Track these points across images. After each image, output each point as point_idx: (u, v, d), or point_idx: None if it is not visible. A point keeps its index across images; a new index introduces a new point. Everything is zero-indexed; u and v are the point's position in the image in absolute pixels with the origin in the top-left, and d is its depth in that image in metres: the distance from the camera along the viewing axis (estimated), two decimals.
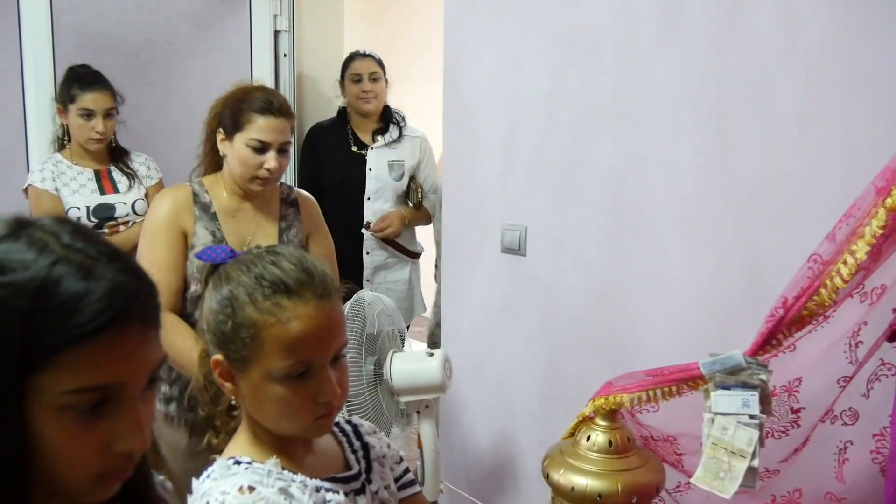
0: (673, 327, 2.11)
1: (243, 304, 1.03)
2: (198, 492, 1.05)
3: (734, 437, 1.41)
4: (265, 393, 1.03)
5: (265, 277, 1.03)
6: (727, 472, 1.46)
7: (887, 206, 1.31)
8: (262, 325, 1.02)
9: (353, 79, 3.34)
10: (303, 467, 1.09)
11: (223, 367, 1.06)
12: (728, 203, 1.98)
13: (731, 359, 1.43)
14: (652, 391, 1.75)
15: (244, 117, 2.01)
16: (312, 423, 1.06)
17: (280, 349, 1.01)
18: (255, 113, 2.00)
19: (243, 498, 0.99)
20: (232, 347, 1.04)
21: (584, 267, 2.34)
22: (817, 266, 1.44)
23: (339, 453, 1.18)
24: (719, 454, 1.43)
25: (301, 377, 1.03)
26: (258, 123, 1.98)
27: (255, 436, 1.09)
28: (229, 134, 2.04)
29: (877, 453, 1.61)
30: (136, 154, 2.93)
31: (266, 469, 1.04)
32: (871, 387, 1.61)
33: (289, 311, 1.01)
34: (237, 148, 2.01)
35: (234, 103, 2.04)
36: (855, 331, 1.54)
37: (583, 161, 2.31)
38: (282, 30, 3.50)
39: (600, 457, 1.83)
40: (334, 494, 1.08)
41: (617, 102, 2.21)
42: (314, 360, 1.04)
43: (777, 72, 1.87)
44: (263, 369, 1.02)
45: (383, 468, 1.21)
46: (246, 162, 2.01)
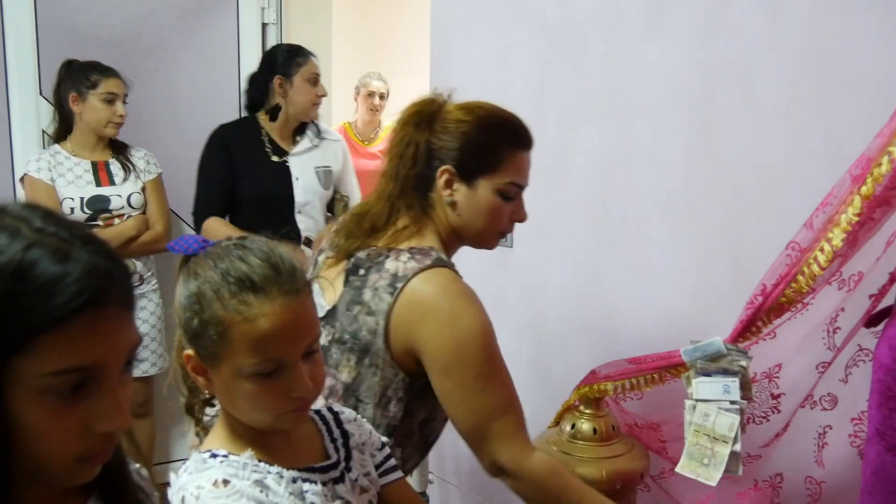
0: (659, 316, 2.13)
1: (210, 300, 1.01)
2: (175, 486, 1.04)
3: (716, 422, 1.43)
4: (236, 389, 1.03)
5: (231, 273, 1.01)
6: (711, 458, 1.49)
7: (862, 194, 1.33)
8: (228, 322, 1.00)
9: (311, 80, 2.90)
10: (280, 458, 1.08)
11: (195, 362, 1.05)
12: (713, 192, 2.00)
13: (712, 346, 1.46)
14: (635, 379, 1.78)
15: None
16: (285, 416, 1.05)
17: (248, 347, 1.00)
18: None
19: (218, 492, 0.98)
20: (202, 343, 1.02)
21: (571, 257, 2.36)
22: (795, 254, 1.46)
23: (319, 442, 1.18)
24: (702, 440, 1.45)
25: (272, 374, 1.01)
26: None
27: (232, 428, 1.09)
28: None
29: (855, 437, 1.63)
30: (137, 148, 2.93)
31: (241, 462, 1.03)
32: (849, 372, 1.63)
33: (255, 309, 0.99)
34: None
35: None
36: (833, 317, 1.57)
37: (569, 151, 2.32)
38: (269, 23, 3.50)
39: (585, 444, 1.85)
40: (312, 485, 1.08)
41: (603, 93, 2.22)
42: (284, 357, 1.02)
43: (762, 63, 1.89)
44: (233, 366, 1.01)
45: (363, 455, 1.20)
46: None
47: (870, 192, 1.33)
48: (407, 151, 1.52)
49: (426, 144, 1.51)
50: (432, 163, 1.51)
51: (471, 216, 1.52)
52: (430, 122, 1.52)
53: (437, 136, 1.51)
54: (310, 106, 2.91)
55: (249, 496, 0.99)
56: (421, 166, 1.51)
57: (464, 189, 1.50)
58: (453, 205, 1.52)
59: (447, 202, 1.52)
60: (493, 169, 1.50)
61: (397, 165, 1.53)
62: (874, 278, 1.51)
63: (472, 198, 1.51)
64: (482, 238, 1.58)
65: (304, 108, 2.90)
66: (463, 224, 1.53)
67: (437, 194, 1.52)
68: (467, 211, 1.52)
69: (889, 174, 1.31)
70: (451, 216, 1.53)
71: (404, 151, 1.52)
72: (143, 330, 2.85)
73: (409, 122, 1.53)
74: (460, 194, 1.51)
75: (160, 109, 3.17)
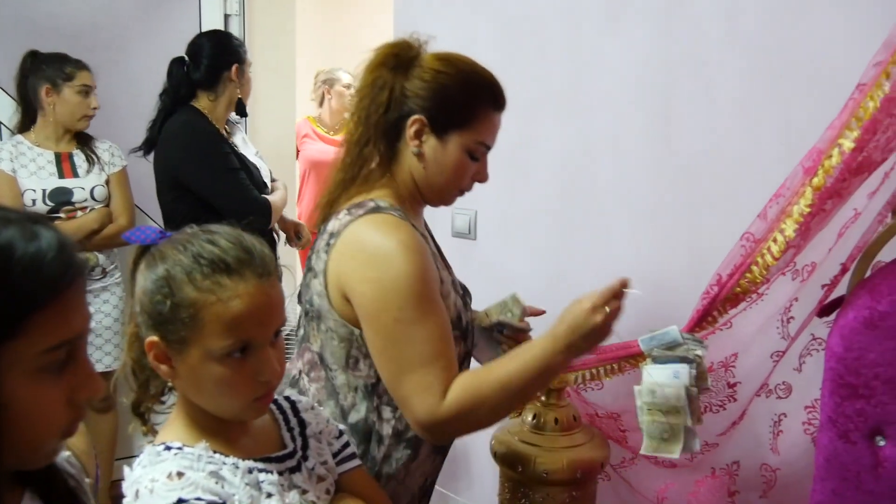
0: None
1: (181, 283, 1.00)
2: (129, 480, 1.03)
3: (663, 396, 1.45)
4: (204, 373, 1.02)
5: (203, 256, 1.01)
6: (669, 431, 1.50)
7: (814, 186, 1.36)
8: (202, 304, 1.00)
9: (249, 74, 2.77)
10: (236, 449, 1.08)
11: (159, 349, 1.03)
12: (672, 185, 2.02)
13: (668, 334, 1.47)
14: (595, 369, 1.80)
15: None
16: (251, 404, 1.05)
17: (221, 328, 1.00)
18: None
19: (172, 484, 0.98)
20: (170, 328, 1.01)
21: (533, 249, 2.38)
22: (750, 244, 1.49)
23: (275, 432, 1.17)
24: (656, 416, 1.46)
25: (241, 356, 1.02)
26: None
27: (189, 419, 1.08)
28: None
29: (809, 424, 1.67)
30: (102, 140, 2.89)
31: (196, 453, 1.02)
32: (803, 361, 1.67)
33: (230, 290, 1.00)
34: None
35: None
36: (787, 307, 1.60)
37: (531, 145, 2.34)
38: (232, 13, 3.46)
39: (546, 435, 1.87)
40: (268, 474, 1.07)
41: (564, 87, 2.24)
42: (254, 339, 1.02)
43: (718, 57, 1.91)
44: (203, 349, 1.01)
45: (320, 444, 1.20)
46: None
47: (821, 183, 1.36)
48: (380, 95, 1.43)
49: (401, 90, 1.43)
50: (403, 110, 1.43)
51: (435, 170, 1.45)
52: (407, 68, 1.44)
53: (412, 84, 1.42)
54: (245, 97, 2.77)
55: (204, 488, 0.99)
56: (394, 113, 1.43)
57: (433, 141, 1.43)
58: (419, 156, 1.44)
59: (413, 153, 1.44)
60: (466, 125, 1.43)
61: (368, 108, 1.44)
62: (826, 269, 1.55)
63: (439, 151, 1.43)
64: (442, 194, 1.50)
65: (221, 116, 2.72)
66: (426, 178, 1.46)
67: (405, 144, 1.45)
68: (433, 165, 1.44)
69: (839, 166, 1.34)
70: (416, 169, 1.45)
71: (377, 95, 1.43)
72: (105, 323, 2.81)
73: (384, 63, 1.44)
74: (428, 146, 1.43)
75: (120, 101, 3.11)
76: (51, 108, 2.73)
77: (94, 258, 2.76)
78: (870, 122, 1.32)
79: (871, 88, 1.31)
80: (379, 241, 1.33)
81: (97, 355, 2.81)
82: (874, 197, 1.49)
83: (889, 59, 1.31)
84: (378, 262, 1.32)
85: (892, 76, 1.30)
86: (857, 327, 1.40)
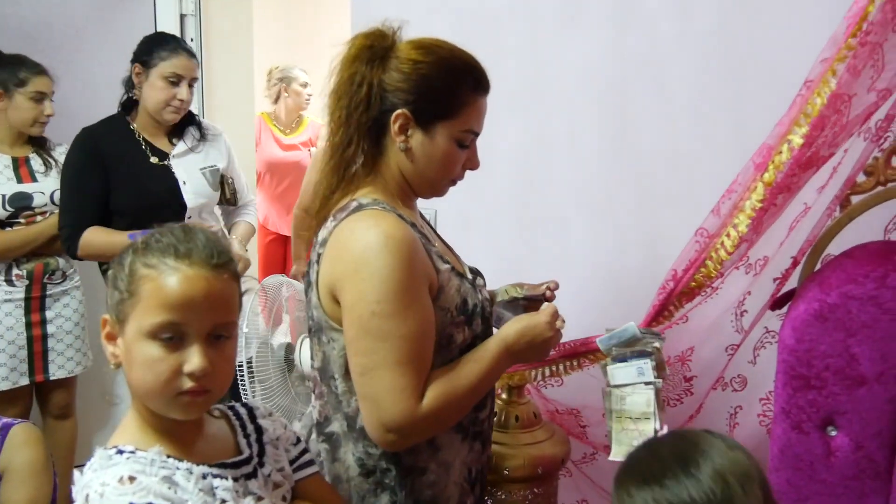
0: (578, 304, 2.16)
1: (133, 259, 1.03)
2: (79, 484, 1.01)
3: (633, 403, 1.46)
4: (136, 351, 1.01)
5: (161, 240, 1.03)
6: (639, 438, 1.51)
7: (765, 181, 1.38)
8: (142, 277, 1.01)
9: (169, 79, 2.44)
10: (191, 454, 1.06)
11: (109, 328, 1.05)
12: (628, 182, 2.04)
13: (626, 331, 1.49)
14: (555, 365, 1.81)
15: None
16: (176, 398, 1.02)
17: (156, 304, 1.00)
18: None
19: (123, 488, 0.96)
20: (118, 307, 1.03)
21: (493, 247, 2.38)
22: (704, 239, 1.51)
23: (231, 438, 1.16)
24: (626, 424, 1.47)
25: (172, 342, 1.00)
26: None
27: (142, 421, 1.06)
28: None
29: (763, 416, 1.70)
30: (58, 143, 2.83)
31: (149, 458, 1.01)
32: (757, 354, 1.70)
33: (171, 268, 1.01)
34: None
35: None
36: (740, 301, 1.63)
37: (489, 143, 2.32)
38: (188, 13, 3.41)
39: (507, 432, 1.87)
40: (222, 480, 1.06)
41: (521, 85, 2.24)
42: (187, 326, 1.01)
43: (672, 56, 1.94)
44: (137, 324, 1.00)
45: (277, 450, 1.19)
46: None
47: (772, 179, 1.38)
48: (359, 93, 1.35)
49: (379, 85, 1.35)
50: (384, 106, 1.36)
51: (425, 164, 1.37)
52: (384, 60, 1.36)
53: (391, 77, 1.35)
54: (160, 107, 2.45)
55: (157, 493, 0.97)
56: (375, 110, 1.35)
57: (419, 135, 1.36)
58: (407, 151, 1.37)
59: (401, 149, 1.37)
60: (452, 114, 1.36)
61: (348, 107, 1.36)
62: (778, 262, 1.58)
63: (428, 145, 1.36)
64: (434, 187, 1.44)
65: (153, 108, 2.46)
66: (416, 172, 1.39)
67: (390, 140, 1.37)
68: (422, 159, 1.37)
69: (789, 161, 1.37)
70: (404, 164, 1.38)
71: (355, 93, 1.35)
72: (66, 328, 2.75)
73: (359, 57, 1.36)
74: (415, 141, 1.36)
75: (75, 103, 3.06)
76: (2, 113, 2.67)
77: (55, 262, 2.71)
78: (817, 119, 1.35)
79: (818, 85, 1.34)
80: (360, 234, 1.28)
81: (59, 361, 2.75)
82: (823, 191, 1.52)
83: (835, 55, 1.34)
84: (359, 255, 1.27)
85: (838, 73, 1.33)
86: (808, 319, 1.43)
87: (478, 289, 1.45)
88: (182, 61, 2.46)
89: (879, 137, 1.51)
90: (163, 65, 2.43)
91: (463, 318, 1.37)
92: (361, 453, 1.36)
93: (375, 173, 1.39)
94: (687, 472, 0.95)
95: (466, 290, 1.39)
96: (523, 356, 1.38)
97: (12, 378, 2.66)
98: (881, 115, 1.48)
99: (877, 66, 1.37)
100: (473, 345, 1.39)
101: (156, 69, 2.43)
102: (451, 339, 1.35)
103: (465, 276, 1.43)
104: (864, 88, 1.38)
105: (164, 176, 2.47)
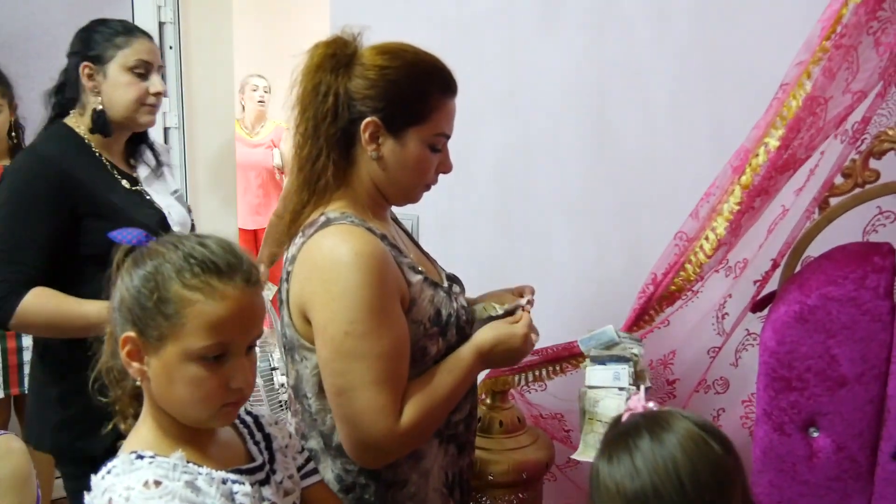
0: (560, 308, 2.17)
1: (169, 279, 1.00)
2: (98, 488, 1.01)
3: (605, 407, 1.47)
4: (178, 373, 1.01)
5: (194, 256, 1.01)
6: None
7: (742, 184, 1.39)
8: (187, 301, 0.99)
9: (135, 70, 1.87)
10: (208, 459, 1.07)
11: (134, 345, 1.02)
12: (609, 186, 2.05)
13: (605, 334, 1.49)
14: (538, 370, 1.81)
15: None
16: (219, 411, 1.04)
17: (203, 328, 0.99)
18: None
19: (149, 492, 0.96)
20: (150, 324, 1.01)
21: (474, 253, 2.38)
22: (683, 243, 1.51)
23: (241, 445, 1.17)
24: (596, 427, 1.48)
25: (217, 360, 1.01)
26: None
27: (158, 426, 1.07)
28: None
29: (746, 418, 1.70)
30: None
31: (171, 463, 1.01)
32: (739, 356, 1.70)
33: (218, 291, 1.00)
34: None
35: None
36: (721, 303, 1.63)
37: (470, 149, 2.34)
38: (167, 21, 3.40)
39: (492, 438, 1.87)
40: (241, 485, 1.06)
41: (500, 90, 2.25)
42: (233, 344, 1.02)
43: (650, 61, 1.95)
44: (181, 347, 1.00)
45: (286, 458, 1.21)
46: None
47: (749, 181, 1.39)
48: (324, 103, 1.32)
49: (346, 93, 1.32)
50: (352, 115, 1.32)
51: (398, 171, 1.35)
52: (348, 67, 1.33)
53: (357, 84, 1.32)
54: (135, 107, 1.88)
55: (182, 497, 0.97)
56: (343, 120, 1.32)
57: (391, 143, 1.33)
58: (379, 160, 1.34)
59: (372, 157, 1.34)
60: (422, 119, 1.33)
61: (315, 118, 1.33)
62: (758, 265, 1.58)
63: (399, 152, 1.33)
64: (409, 194, 1.41)
65: (128, 111, 1.88)
66: (389, 180, 1.36)
67: (360, 149, 1.34)
68: (394, 166, 1.34)
69: (766, 164, 1.38)
70: (376, 173, 1.35)
71: (320, 104, 1.32)
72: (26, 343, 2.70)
73: (322, 67, 1.33)
74: (387, 148, 1.33)
75: None
76: None
77: None
78: (793, 121, 1.36)
79: (794, 88, 1.35)
80: (328, 252, 1.26)
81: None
82: (801, 194, 1.53)
83: (810, 58, 1.34)
84: (329, 273, 1.24)
85: (814, 75, 1.34)
86: (789, 321, 1.43)
87: (453, 297, 1.43)
88: (144, 45, 1.91)
89: (856, 139, 1.52)
90: (122, 54, 1.87)
91: (437, 329, 1.35)
92: (340, 470, 1.36)
93: (346, 185, 1.36)
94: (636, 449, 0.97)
95: (441, 300, 1.37)
96: (494, 364, 1.42)
97: None
98: (857, 118, 1.49)
99: (851, 69, 1.38)
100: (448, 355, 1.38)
101: (114, 62, 1.87)
102: (424, 352, 1.34)
103: (441, 286, 1.41)
104: (839, 91, 1.39)
105: (147, 204, 1.95)
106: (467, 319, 1.44)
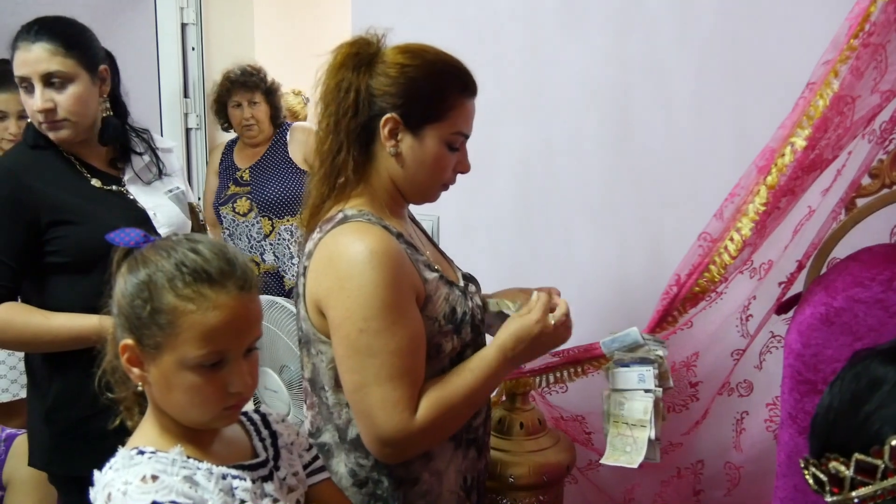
0: (582, 309, 2.15)
1: (162, 289, 1.01)
2: (99, 483, 1.02)
3: (630, 409, 1.46)
4: (176, 380, 1.02)
5: (185, 264, 1.01)
6: (633, 444, 1.50)
7: (768, 184, 1.37)
8: (180, 311, 1.00)
9: (21, 84, 1.78)
10: (209, 455, 1.08)
11: (133, 352, 1.04)
12: (631, 186, 2.03)
13: (629, 336, 1.48)
14: (559, 372, 1.80)
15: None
16: (220, 413, 1.06)
17: (197, 337, 1.00)
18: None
19: (146, 487, 0.97)
20: (146, 333, 1.01)
21: (495, 254, 2.37)
22: (707, 244, 1.50)
23: (247, 441, 1.18)
24: (622, 430, 1.47)
25: (214, 366, 1.02)
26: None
27: (160, 425, 1.08)
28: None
29: (770, 421, 1.68)
30: None
31: (170, 458, 1.02)
32: (763, 359, 1.68)
33: (210, 300, 1.00)
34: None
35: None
36: (745, 305, 1.61)
37: (491, 149, 2.33)
38: (189, 23, 3.43)
39: (512, 440, 1.86)
40: (241, 481, 1.07)
41: (523, 90, 2.24)
42: (229, 351, 1.03)
43: (673, 59, 1.93)
44: (177, 356, 1.01)
45: (291, 455, 1.21)
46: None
47: (775, 182, 1.37)
48: (346, 99, 1.35)
49: (367, 90, 1.35)
50: (373, 111, 1.36)
51: (416, 168, 1.37)
52: (370, 66, 1.36)
53: (378, 82, 1.35)
54: (37, 123, 1.77)
55: (179, 491, 0.98)
56: (363, 116, 1.35)
57: (409, 139, 1.36)
58: (397, 156, 1.37)
59: (391, 153, 1.36)
60: (441, 117, 1.36)
61: (336, 114, 1.36)
62: (783, 266, 1.56)
63: (417, 149, 1.36)
64: (425, 191, 1.43)
65: (39, 125, 1.77)
66: (406, 177, 1.38)
67: (379, 146, 1.37)
68: (412, 163, 1.37)
69: (792, 164, 1.36)
70: (394, 169, 1.38)
71: (343, 99, 1.35)
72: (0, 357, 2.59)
73: (345, 64, 1.36)
74: (405, 145, 1.36)
75: None
76: None
77: None
78: (820, 121, 1.34)
79: (821, 87, 1.33)
80: (344, 249, 1.28)
81: (2, 384, 2.62)
82: (827, 194, 1.51)
83: (837, 57, 1.32)
84: (344, 271, 1.26)
85: (841, 74, 1.32)
86: (814, 324, 1.41)
87: (469, 296, 1.44)
88: (21, 55, 1.78)
89: (884, 139, 1.49)
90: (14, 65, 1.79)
91: (451, 327, 1.36)
92: (353, 464, 1.37)
93: (365, 182, 1.39)
94: None
95: (456, 299, 1.38)
96: (525, 358, 1.40)
97: (13, 390, 2.61)
98: (885, 117, 1.47)
99: (880, 68, 1.35)
100: (463, 353, 1.39)
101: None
102: (439, 349, 1.35)
103: (456, 284, 1.42)
104: (867, 90, 1.37)
105: (124, 205, 1.86)
106: (482, 318, 1.46)
